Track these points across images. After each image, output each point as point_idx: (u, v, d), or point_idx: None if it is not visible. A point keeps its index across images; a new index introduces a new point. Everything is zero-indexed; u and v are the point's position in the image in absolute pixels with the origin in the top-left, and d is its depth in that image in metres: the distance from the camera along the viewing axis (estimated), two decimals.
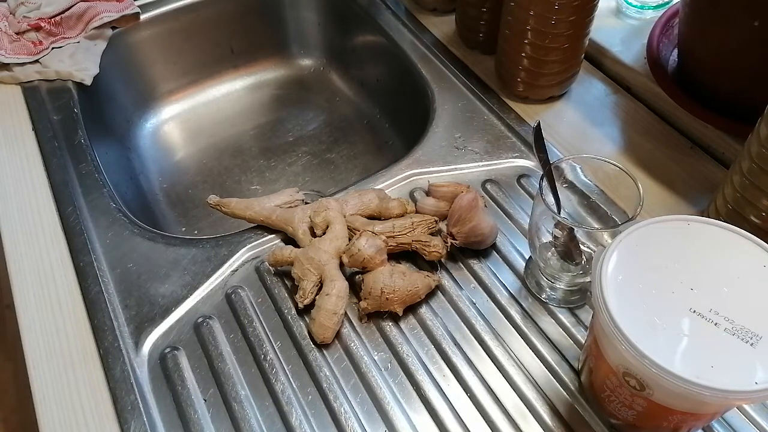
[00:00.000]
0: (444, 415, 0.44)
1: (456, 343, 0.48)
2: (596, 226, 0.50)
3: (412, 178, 0.61)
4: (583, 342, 0.47)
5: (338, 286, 0.49)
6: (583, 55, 0.65)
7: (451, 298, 0.51)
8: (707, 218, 0.39)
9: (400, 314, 0.49)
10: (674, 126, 0.64)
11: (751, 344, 0.33)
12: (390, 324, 0.49)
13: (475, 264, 0.53)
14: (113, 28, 0.79)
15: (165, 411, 0.45)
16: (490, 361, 0.47)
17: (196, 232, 0.75)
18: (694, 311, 0.35)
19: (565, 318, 0.49)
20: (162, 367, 0.47)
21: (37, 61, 0.73)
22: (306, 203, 0.56)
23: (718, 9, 0.54)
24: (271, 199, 0.56)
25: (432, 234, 0.53)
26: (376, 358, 0.48)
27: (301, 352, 0.48)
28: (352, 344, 0.48)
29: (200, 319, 0.50)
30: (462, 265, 0.53)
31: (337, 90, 0.92)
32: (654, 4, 0.73)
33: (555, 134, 0.64)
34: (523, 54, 0.63)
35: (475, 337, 0.48)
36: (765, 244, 0.37)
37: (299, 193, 0.58)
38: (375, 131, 0.86)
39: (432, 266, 0.53)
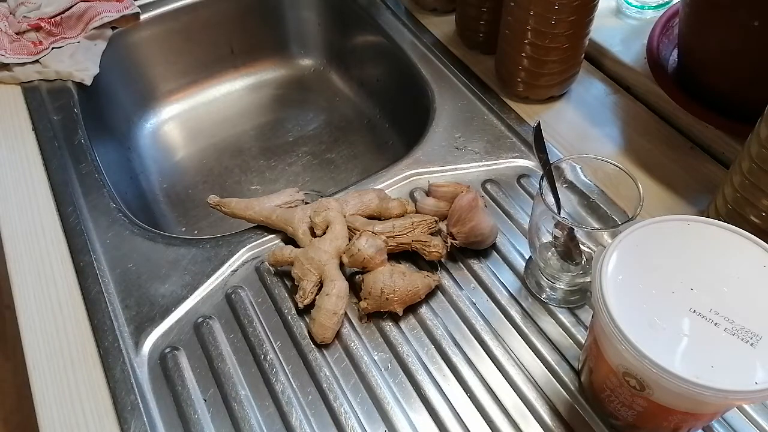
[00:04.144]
0: (444, 415, 0.44)
1: (456, 343, 0.48)
2: (596, 226, 0.50)
3: (412, 178, 0.61)
4: (583, 342, 0.47)
5: (338, 286, 0.49)
6: (583, 55, 0.65)
7: (451, 298, 0.51)
8: (707, 218, 0.39)
9: (400, 314, 0.49)
10: (674, 126, 0.64)
11: (751, 344, 0.33)
12: (390, 324, 0.50)
13: (475, 264, 0.53)
14: (113, 28, 0.79)
15: (165, 411, 0.45)
16: (490, 361, 0.47)
17: (196, 232, 0.75)
18: (694, 311, 0.35)
19: (565, 318, 0.49)
20: (162, 367, 0.47)
21: (37, 61, 0.73)
22: (306, 203, 0.56)
23: (718, 9, 0.54)
24: (271, 199, 0.56)
25: (432, 234, 0.53)
26: (376, 358, 0.48)
27: (301, 352, 0.48)
28: (352, 344, 0.48)
29: (200, 319, 0.50)
30: (462, 265, 0.53)
31: (337, 90, 0.92)
32: (654, 4, 0.73)
33: (555, 134, 0.64)
34: (523, 54, 0.63)
35: (475, 337, 0.48)
36: (765, 244, 0.37)
37: (299, 193, 0.58)
38: (375, 131, 0.86)
39: (432, 266, 0.53)
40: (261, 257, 0.54)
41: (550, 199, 0.46)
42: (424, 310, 0.50)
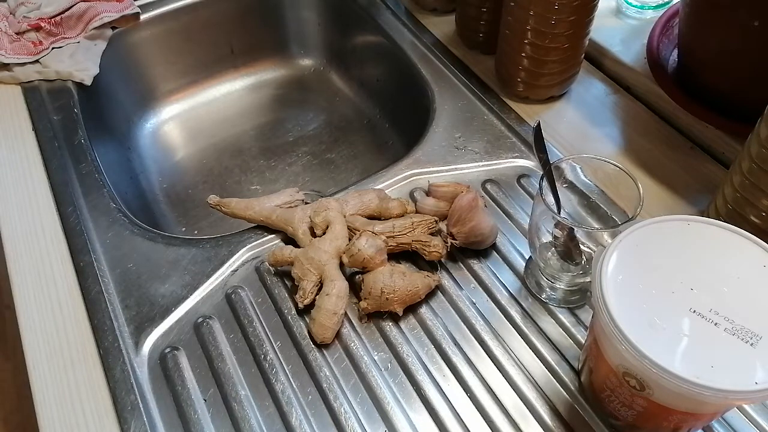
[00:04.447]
0: (444, 415, 0.44)
1: (456, 343, 0.48)
2: (596, 226, 0.50)
3: (412, 178, 0.61)
4: (583, 342, 0.47)
5: (338, 286, 0.49)
6: (583, 55, 0.65)
7: (451, 298, 0.51)
8: (707, 218, 0.39)
9: (400, 314, 0.49)
10: (674, 126, 0.64)
11: (751, 344, 0.33)
12: (390, 324, 0.49)
13: (475, 264, 0.53)
14: (113, 28, 0.79)
15: (165, 411, 0.45)
16: (490, 361, 0.47)
17: (196, 232, 0.75)
18: (694, 311, 0.35)
19: (565, 318, 0.49)
20: (162, 367, 0.47)
21: (37, 61, 0.73)
22: (306, 203, 0.56)
23: (718, 9, 0.54)
24: (271, 199, 0.56)
25: (432, 234, 0.53)
26: (376, 358, 0.48)
27: (301, 352, 0.48)
28: (352, 344, 0.48)
29: (200, 319, 0.50)
30: (462, 265, 0.53)
31: (337, 90, 0.92)
32: (654, 4, 0.73)
33: (555, 134, 0.64)
34: (523, 54, 0.63)
35: (475, 337, 0.48)
36: (765, 244, 0.37)
37: (299, 193, 0.58)
38: (375, 131, 0.86)
39: (432, 266, 0.53)
40: (261, 257, 0.54)
41: (550, 199, 0.46)
42: (424, 310, 0.50)
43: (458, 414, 0.44)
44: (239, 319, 0.50)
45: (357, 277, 0.52)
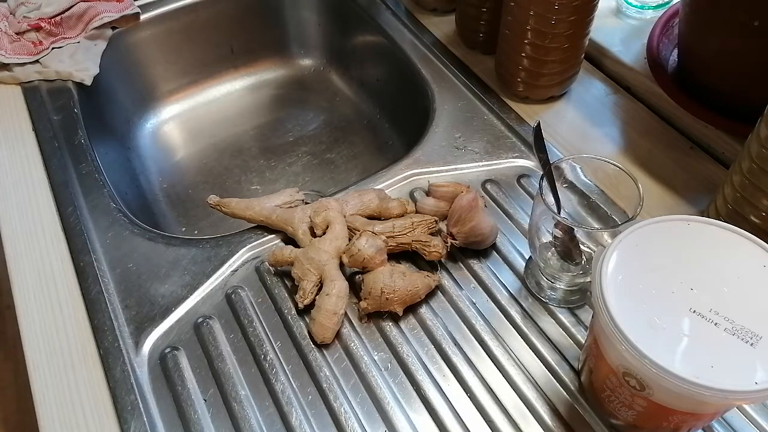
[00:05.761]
0: (444, 415, 0.44)
1: (456, 343, 0.48)
2: (596, 226, 0.50)
3: (412, 178, 0.61)
4: (583, 342, 0.47)
5: (338, 286, 0.49)
6: (583, 55, 0.65)
7: (451, 298, 0.51)
8: (707, 218, 0.39)
9: (400, 314, 0.49)
10: (674, 126, 0.64)
11: (751, 344, 0.33)
12: (390, 324, 0.50)
13: (475, 264, 0.53)
14: (113, 28, 0.79)
15: (165, 411, 0.45)
16: (490, 361, 0.47)
17: (196, 232, 0.75)
18: (694, 311, 0.35)
19: (565, 318, 0.49)
20: (162, 367, 0.47)
21: (37, 61, 0.73)
22: (306, 203, 0.56)
23: (718, 9, 0.54)
24: (271, 199, 0.56)
25: (432, 234, 0.53)
26: (376, 358, 0.48)
27: (301, 352, 0.48)
28: (352, 344, 0.48)
29: (200, 319, 0.50)
30: (462, 265, 0.53)
31: (337, 90, 0.92)
32: (654, 4, 0.73)
33: (555, 134, 0.64)
34: (523, 54, 0.63)
35: (475, 337, 0.48)
36: (765, 244, 0.37)
37: (299, 193, 0.58)
38: (375, 131, 0.86)
39: (432, 266, 0.53)
40: (261, 257, 0.54)
41: (550, 199, 0.46)
42: (424, 310, 0.50)
43: (458, 414, 0.44)
44: (239, 319, 0.50)
45: (357, 277, 0.52)
